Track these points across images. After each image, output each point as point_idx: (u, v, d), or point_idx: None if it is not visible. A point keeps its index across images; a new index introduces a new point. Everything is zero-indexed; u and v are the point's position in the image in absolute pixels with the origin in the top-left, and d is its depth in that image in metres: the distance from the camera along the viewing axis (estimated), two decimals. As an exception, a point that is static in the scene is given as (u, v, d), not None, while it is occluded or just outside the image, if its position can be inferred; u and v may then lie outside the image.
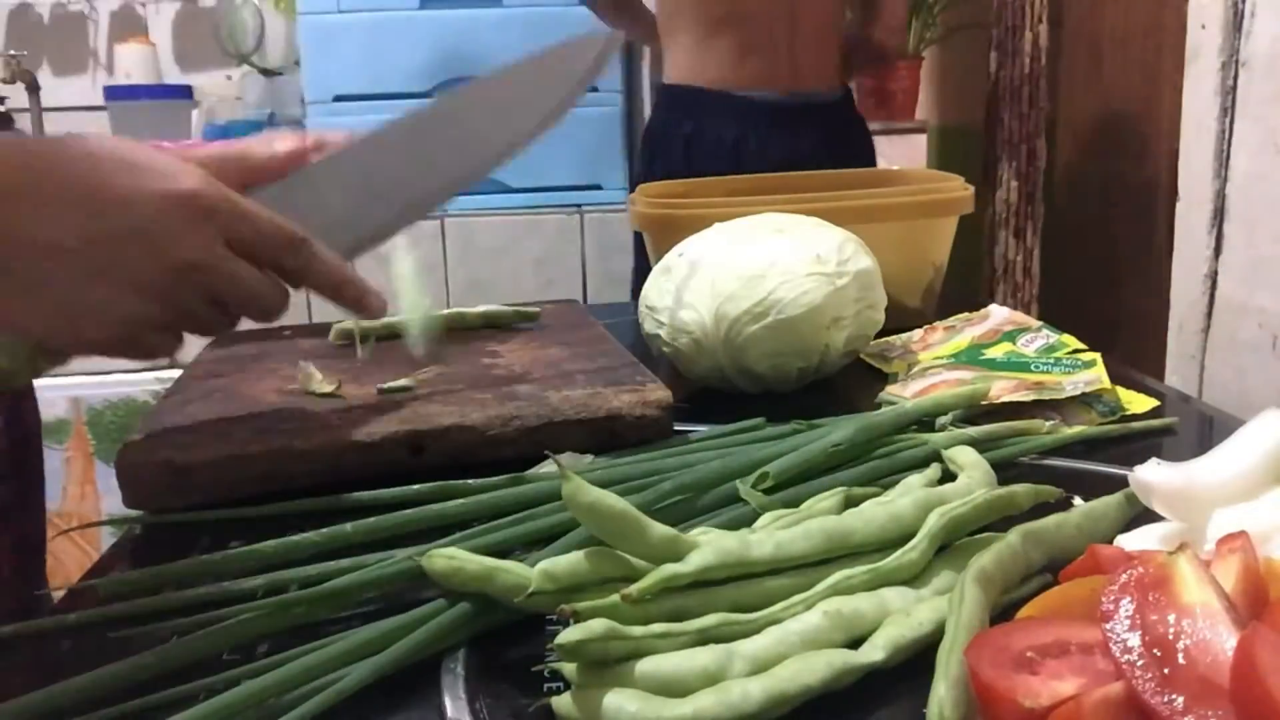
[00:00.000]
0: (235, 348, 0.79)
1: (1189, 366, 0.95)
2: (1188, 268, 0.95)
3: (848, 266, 0.71)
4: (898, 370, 0.77)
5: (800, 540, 0.42)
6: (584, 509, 0.40)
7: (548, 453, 0.52)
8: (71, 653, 0.43)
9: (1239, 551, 0.36)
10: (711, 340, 0.70)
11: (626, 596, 0.37)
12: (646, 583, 0.38)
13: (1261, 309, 0.85)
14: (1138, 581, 0.33)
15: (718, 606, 0.39)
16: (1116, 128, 1.50)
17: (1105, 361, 0.70)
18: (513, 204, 1.76)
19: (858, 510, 0.45)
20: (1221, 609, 0.31)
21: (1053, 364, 0.71)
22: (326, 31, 1.73)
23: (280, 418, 0.60)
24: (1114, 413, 0.66)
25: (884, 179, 1.13)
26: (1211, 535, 0.40)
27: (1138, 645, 0.31)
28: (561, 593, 0.39)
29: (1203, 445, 0.48)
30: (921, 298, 0.93)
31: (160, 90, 2.06)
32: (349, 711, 0.38)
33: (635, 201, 0.94)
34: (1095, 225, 1.58)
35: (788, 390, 0.73)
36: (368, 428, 0.58)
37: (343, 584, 0.44)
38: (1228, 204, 0.90)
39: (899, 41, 1.53)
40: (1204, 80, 0.91)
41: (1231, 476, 0.43)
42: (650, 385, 0.64)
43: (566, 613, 0.36)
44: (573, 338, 0.78)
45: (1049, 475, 0.58)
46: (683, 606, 0.39)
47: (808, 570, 0.42)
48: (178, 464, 0.55)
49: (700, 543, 0.41)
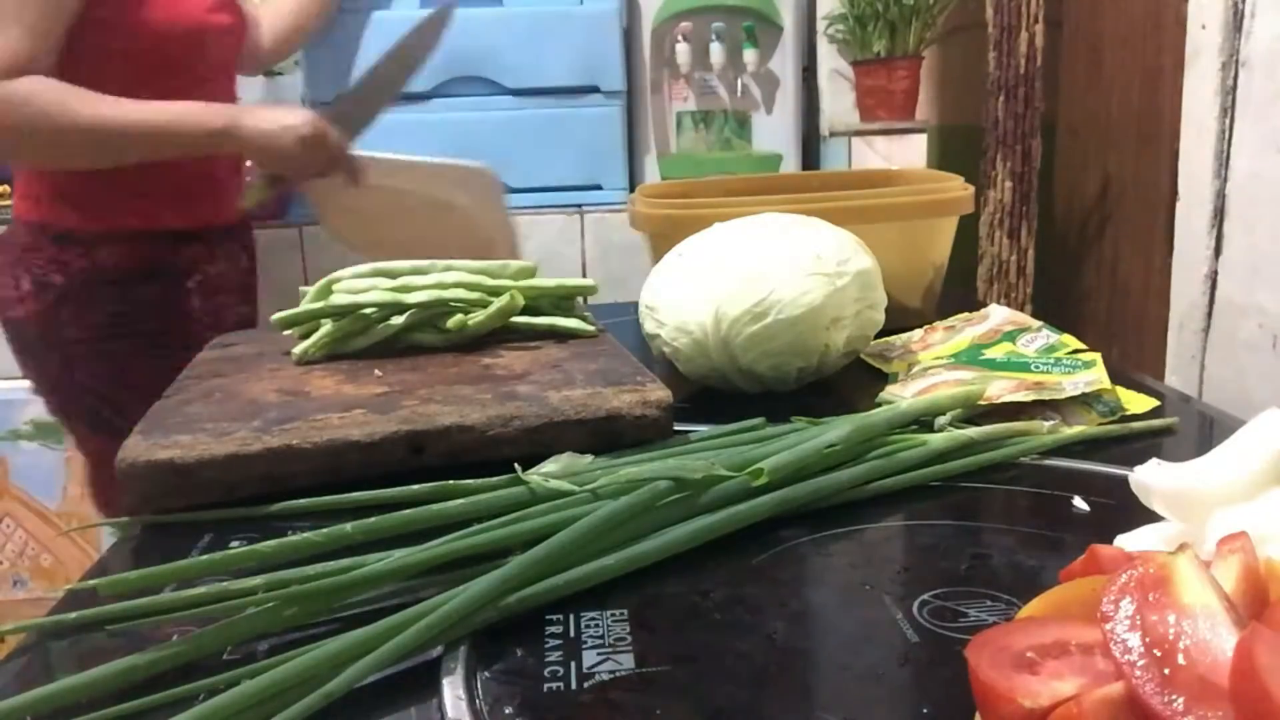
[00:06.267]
0: (235, 348, 0.79)
1: (1189, 366, 0.95)
2: (1188, 268, 0.95)
3: (848, 266, 0.71)
4: (898, 370, 0.77)
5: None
6: None
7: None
8: (71, 653, 0.43)
9: (1239, 552, 0.36)
10: (711, 340, 0.70)
11: None
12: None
13: (1261, 309, 0.85)
14: (1138, 582, 0.33)
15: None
16: (1116, 128, 1.50)
17: (1105, 361, 0.70)
18: (513, 204, 1.76)
19: None
20: (1221, 609, 0.31)
21: (1053, 364, 0.71)
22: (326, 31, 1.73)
23: (280, 418, 0.60)
24: (1113, 412, 0.66)
25: (884, 179, 1.13)
26: (1211, 535, 0.40)
27: (1138, 645, 0.31)
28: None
29: (1203, 445, 0.48)
30: (921, 298, 0.93)
31: (160, 90, 2.06)
32: (349, 710, 0.38)
33: (635, 201, 0.94)
34: (1096, 225, 1.58)
35: (787, 390, 0.73)
36: (368, 428, 0.58)
37: (344, 581, 0.44)
38: (1228, 204, 0.90)
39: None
40: (1204, 80, 0.91)
41: (1231, 477, 0.43)
42: (650, 385, 0.64)
43: None
44: (573, 337, 0.78)
45: (1049, 475, 0.58)
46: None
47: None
48: (178, 464, 0.55)
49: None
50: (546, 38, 1.74)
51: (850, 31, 1.71)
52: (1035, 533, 0.52)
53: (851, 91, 1.80)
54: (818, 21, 1.86)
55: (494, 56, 1.75)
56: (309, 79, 1.74)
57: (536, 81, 1.76)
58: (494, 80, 1.76)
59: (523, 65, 1.75)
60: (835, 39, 1.78)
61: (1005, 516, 0.55)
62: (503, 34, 1.74)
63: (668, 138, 1.90)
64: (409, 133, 1.75)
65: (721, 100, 1.89)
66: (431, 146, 1.76)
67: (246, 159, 1.23)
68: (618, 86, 1.78)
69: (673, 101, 1.89)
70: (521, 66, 1.75)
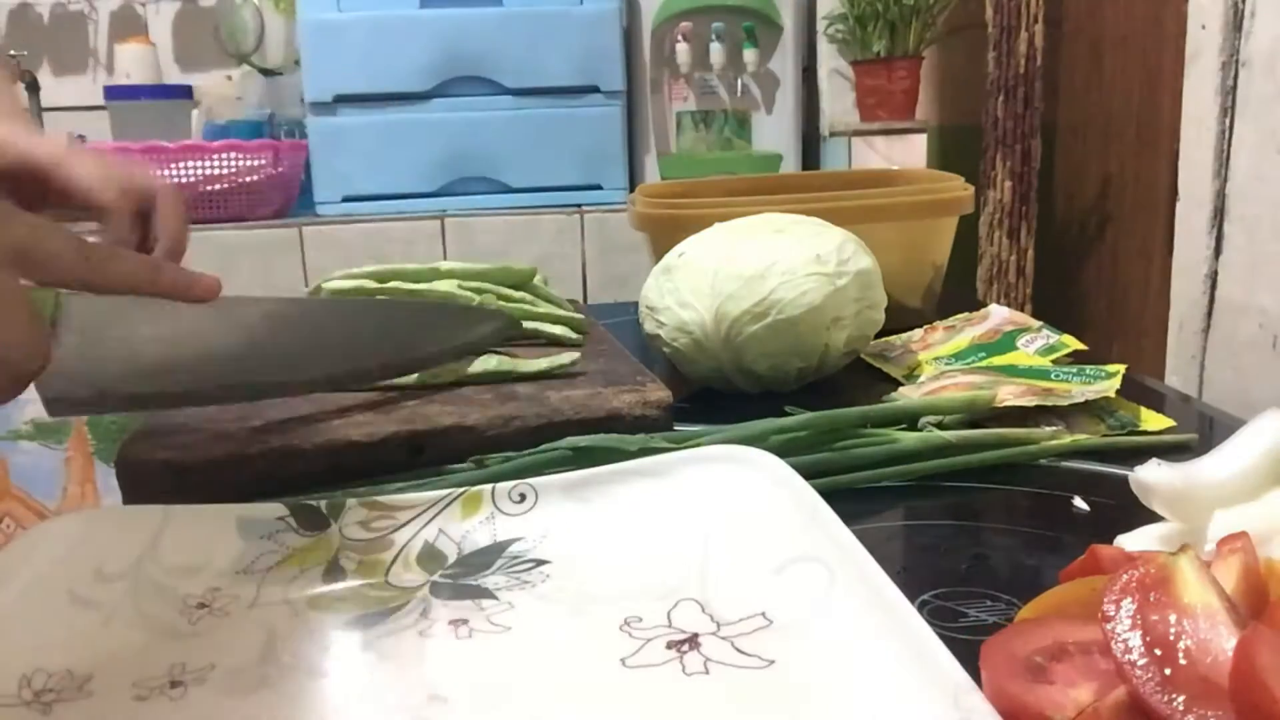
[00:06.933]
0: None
1: (1189, 366, 0.95)
2: (1188, 268, 0.95)
3: (848, 266, 0.71)
4: (903, 372, 0.77)
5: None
6: None
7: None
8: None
9: (1239, 552, 0.36)
10: (711, 340, 0.70)
11: None
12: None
13: (1261, 309, 0.85)
14: (1138, 582, 0.33)
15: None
16: (1116, 128, 1.50)
17: (1128, 376, 0.67)
18: (513, 204, 1.76)
19: None
20: (1222, 609, 0.31)
21: (1074, 374, 0.67)
22: (326, 31, 1.73)
23: (280, 418, 0.60)
24: (1124, 427, 0.63)
25: (884, 179, 1.13)
26: (1212, 536, 0.40)
27: (1138, 645, 0.31)
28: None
29: (1203, 445, 0.48)
30: (921, 298, 0.93)
31: (160, 90, 2.06)
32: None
33: (635, 201, 0.94)
34: (1096, 225, 1.58)
35: (788, 390, 0.73)
36: (368, 428, 0.58)
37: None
38: (1228, 204, 0.90)
39: None
40: (1204, 80, 0.91)
41: (1231, 477, 0.43)
42: (650, 385, 0.64)
43: None
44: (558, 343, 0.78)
45: (1049, 475, 0.58)
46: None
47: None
48: (177, 464, 0.55)
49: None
50: (546, 38, 1.74)
51: (850, 31, 1.71)
52: (1035, 533, 0.52)
53: (851, 91, 1.80)
54: (818, 21, 1.86)
55: (494, 56, 1.75)
56: (309, 78, 1.74)
57: (536, 81, 1.76)
58: (494, 80, 1.76)
59: (523, 65, 1.75)
60: (835, 39, 1.78)
61: (1005, 516, 0.55)
62: (503, 34, 1.74)
63: (668, 138, 1.90)
64: (409, 133, 1.75)
65: (721, 100, 1.89)
66: (431, 146, 1.76)
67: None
68: (618, 86, 1.79)
69: (673, 101, 1.89)
70: (521, 66, 1.75)
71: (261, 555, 0.45)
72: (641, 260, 0.93)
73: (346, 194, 1.76)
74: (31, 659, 0.37)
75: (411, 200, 1.76)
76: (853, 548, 0.39)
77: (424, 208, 1.74)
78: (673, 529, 0.46)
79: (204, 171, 1.65)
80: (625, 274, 1.70)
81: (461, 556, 0.46)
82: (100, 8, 2.23)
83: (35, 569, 0.41)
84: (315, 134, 1.76)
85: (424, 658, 0.39)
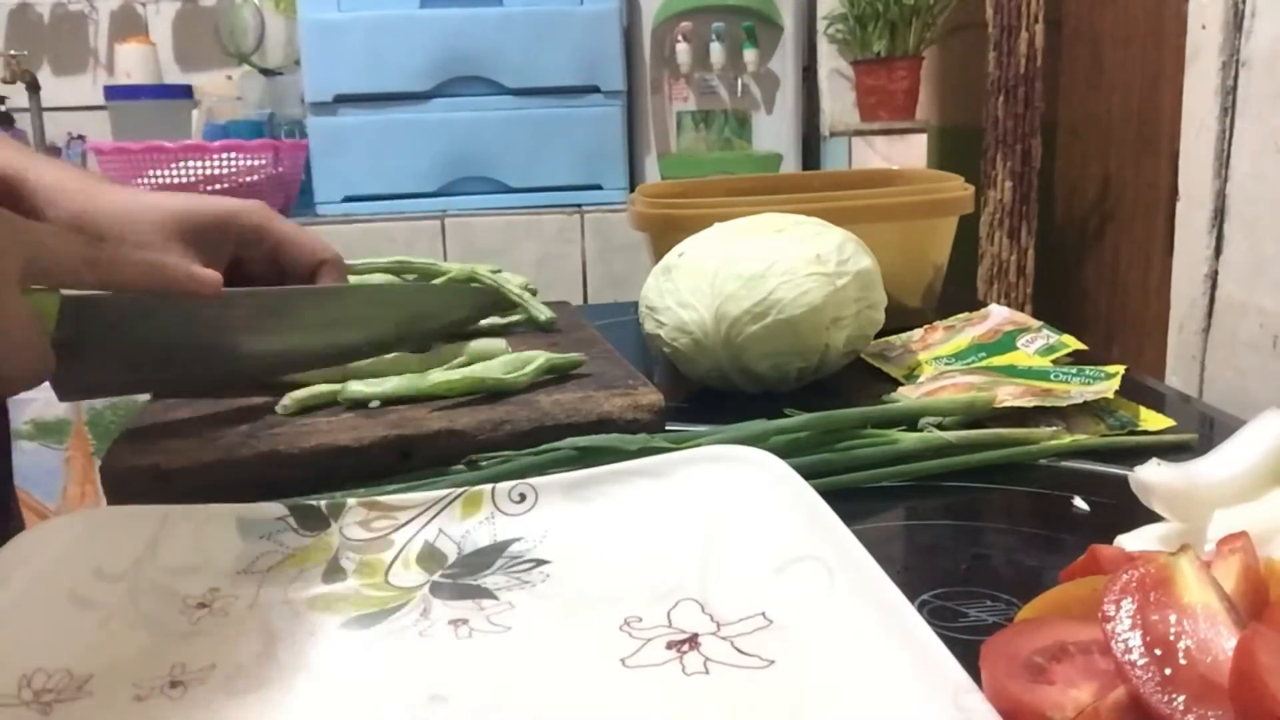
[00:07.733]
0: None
1: (1189, 366, 0.95)
2: (1188, 268, 0.95)
3: (848, 266, 0.71)
4: (903, 372, 0.77)
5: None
6: None
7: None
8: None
9: (1239, 552, 0.36)
10: (711, 340, 0.70)
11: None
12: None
13: (1261, 309, 0.85)
14: (1138, 582, 0.33)
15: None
16: (1116, 128, 1.50)
17: (1128, 376, 0.66)
18: (512, 204, 1.76)
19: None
20: (1222, 609, 0.31)
21: (1074, 374, 0.67)
22: (326, 31, 1.73)
23: (267, 423, 0.60)
24: (1124, 427, 0.62)
25: (884, 179, 1.13)
26: (1212, 535, 0.40)
27: (1139, 645, 0.31)
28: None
29: (1203, 445, 0.48)
30: (921, 298, 0.93)
31: (160, 90, 2.06)
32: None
33: (635, 201, 0.94)
34: (1096, 225, 1.58)
35: (788, 390, 0.73)
36: (356, 432, 0.57)
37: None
38: (1228, 204, 0.90)
39: None
40: (1204, 80, 0.91)
41: (1232, 477, 0.43)
42: (642, 388, 0.63)
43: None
44: (564, 340, 0.78)
45: (1049, 475, 0.58)
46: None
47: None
48: (163, 469, 0.54)
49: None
50: (546, 38, 1.74)
51: (850, 31, 1.71)
52: (1035, 533, 0.52)
53: (851, 91, 1.80)
54: (818, 21, 1.86)
55: (494, 56, 1.75)
56: (310, 78, 1.74)
57: (536, 81, 1.76)
58: (494, 80, 1.76)
59: (523, 65, 1.75)
60: (835, 39, 1.78)
61: (1005, 516, 0.55)
62: (503, 34, 1.74)
63: (668, 138, 1.90)
64: (409, 133, 1.75)
65: (721, 100, 1.89)
66: (431, 146, 1.76)
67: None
68: (618, 86, 1.79)
69: (673, 101, 1.89)
70: (521, 66, 1.75)
71: (261, 555, 0.45)
72: (641, 260, 0.93)
73: (347, 194, 1.77)
74: (31, 659, 0.37)
75: (411, 200, 1.76)
76: (853, 548, 0.39)
77: (424, 208, 1.74)
78: (673, 529, 0.46)
79: (204, 171, 1.65)
80: (625, 274, 1.70)
81: (461, 556, 0.46)
82: (100, 8, 2.24)
83: (35, 569, 0.41)
84: (315, 134, 1.76)
85: (424, 658, 0.39)
